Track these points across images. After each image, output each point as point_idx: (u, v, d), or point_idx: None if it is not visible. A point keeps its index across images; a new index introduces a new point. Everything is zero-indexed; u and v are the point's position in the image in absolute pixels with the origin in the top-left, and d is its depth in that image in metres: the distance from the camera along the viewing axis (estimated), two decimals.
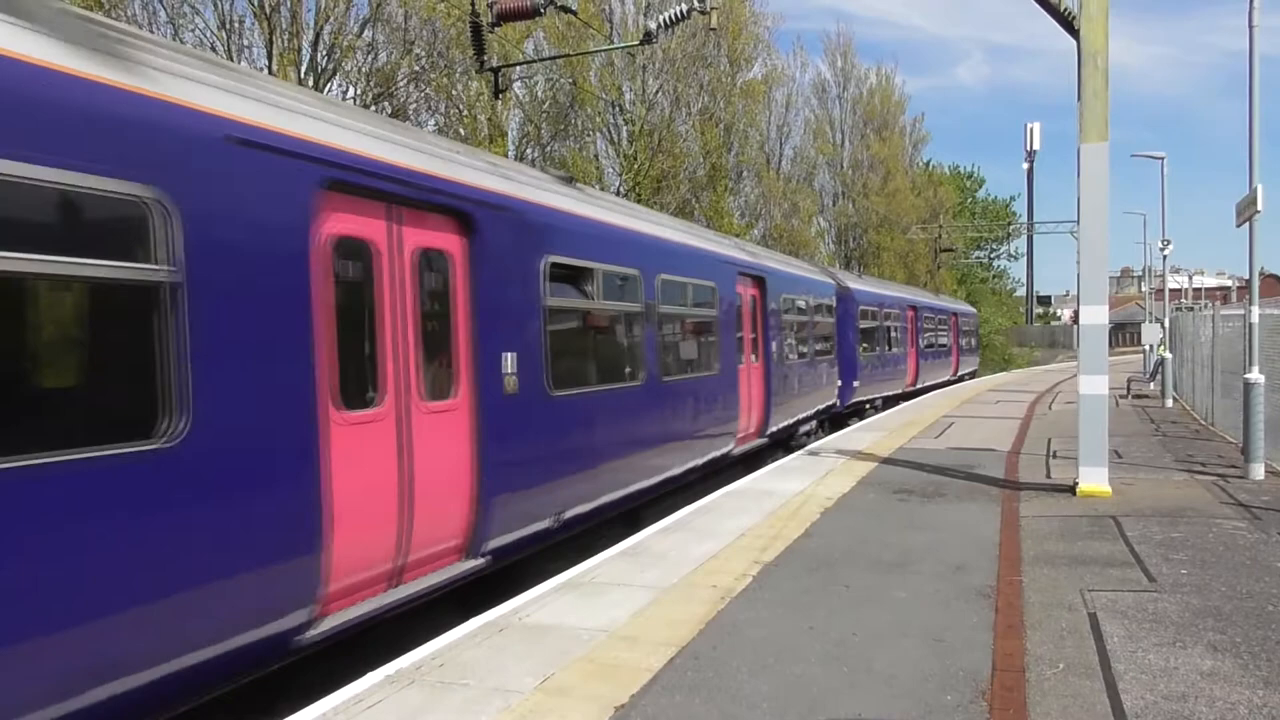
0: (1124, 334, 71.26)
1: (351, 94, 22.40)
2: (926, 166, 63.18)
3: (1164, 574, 6.77)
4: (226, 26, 20.86)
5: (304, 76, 21.09)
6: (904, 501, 9.77)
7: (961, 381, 36.88)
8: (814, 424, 18.55)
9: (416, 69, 23.61)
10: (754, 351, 14.27)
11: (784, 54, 56.01)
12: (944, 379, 34.47)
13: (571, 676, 4.98)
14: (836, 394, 20.07)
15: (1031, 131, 67.69)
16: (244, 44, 21.17)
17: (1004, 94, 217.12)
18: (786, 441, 16.35)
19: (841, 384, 20.49)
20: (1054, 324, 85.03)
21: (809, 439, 17.63)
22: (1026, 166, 71.08)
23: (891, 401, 25.61)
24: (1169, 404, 21.70)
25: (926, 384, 30.84)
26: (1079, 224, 9.86)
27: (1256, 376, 10.89)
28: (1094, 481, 9.73)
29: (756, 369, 14.35)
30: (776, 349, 15.16)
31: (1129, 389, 25.83)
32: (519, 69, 24.70)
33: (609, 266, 9.12)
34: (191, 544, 4.42)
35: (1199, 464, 12.04)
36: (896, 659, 5.12)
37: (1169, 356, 23.14)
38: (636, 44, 17.26)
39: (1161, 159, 27.31)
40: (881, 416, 20.88)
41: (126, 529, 4.11)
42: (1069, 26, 9.79)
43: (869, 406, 23.73)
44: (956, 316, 37.95)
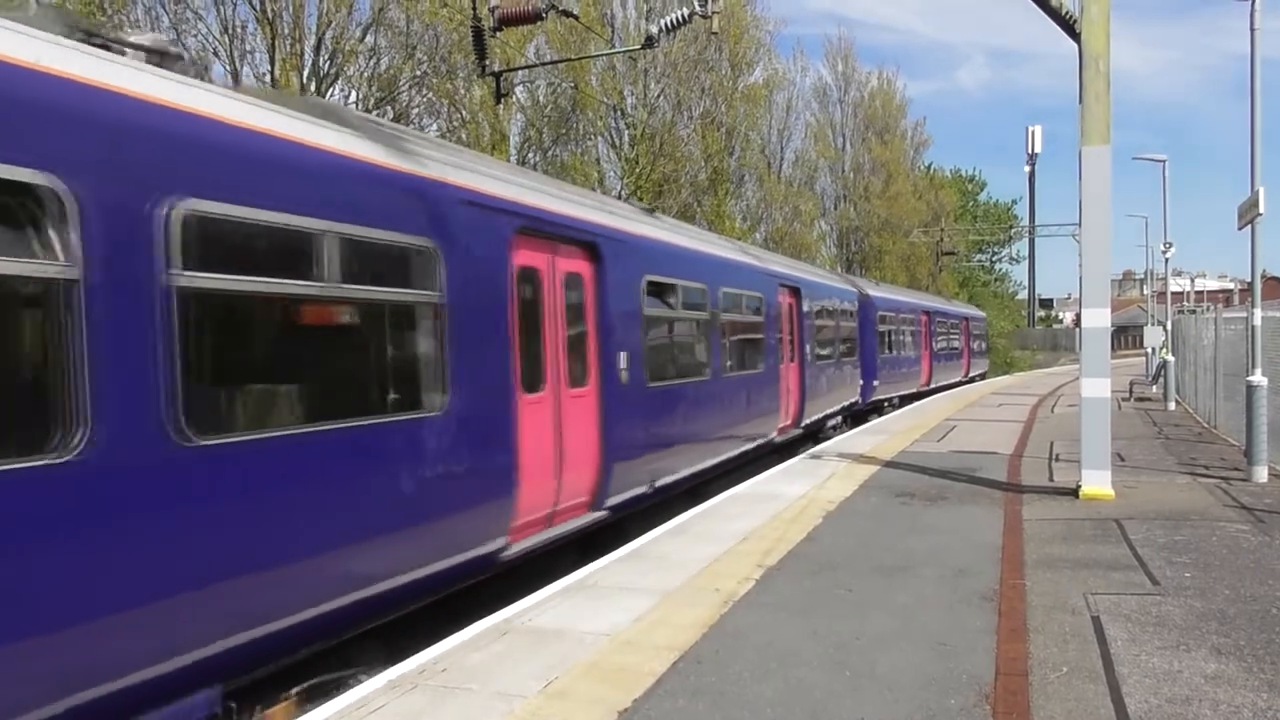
0: (1126, 337, 71.16)
1: (354, 98, 22.42)
2: (928, 170, 63.07)
3: (1167, 577, 6.76)
4: (229, 32, 20.91)
5: (306, 81, 21.11)
6: (906, 505, 9.76)
7: (972, 382, 37.35)
8: (840, 418, 20.04)
9: (418, 74, 23.64)
10: (791, 353, 15.96)
11: (785, 58, 55.86)
12: (955, 380, 35.17)
13: (574, 681, 4.98)
14: (859, 392, 21.73)
15: (1033, 135, 67.76)
16: (246, 49, 21.21)
17: (1005, 97, 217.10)
18: (816, 433, 17.86)
19: (863, 383, 22.15)
20: (1056, 327, 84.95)
21: (835, 432, 19.09)
22: (1028, 169, 71.10)
23: (907, 400, 26.64)
24: (1171, 407, 21.67)
25: (939, 384, 31.56)
26: (1081, 227, 9.86)
27: (1259, 379, 10.88)
28: (1097, 484, 9.71)
29: (793, 368, 16.05)
30: (810, 351, 16.97)
31: (1131, 392, 25.82)
32: (521, 73, 24.69)
33: (686, 282, 11.00)
34: (451, 482, 6.30)
35: (1202, 467, 12.02)
36: (899, 663, 5.12)
37: (1171, 359, 23.11)
38: (638, 48, 17.30)
39: (1163, 162, 27.39)
40: (884, 420, 21.06)
41: (418, 474, 6.02)
42: (1070, 30, 9.80)
43: (886, 404, 24.90)
44: (968, 321, 38.41)
